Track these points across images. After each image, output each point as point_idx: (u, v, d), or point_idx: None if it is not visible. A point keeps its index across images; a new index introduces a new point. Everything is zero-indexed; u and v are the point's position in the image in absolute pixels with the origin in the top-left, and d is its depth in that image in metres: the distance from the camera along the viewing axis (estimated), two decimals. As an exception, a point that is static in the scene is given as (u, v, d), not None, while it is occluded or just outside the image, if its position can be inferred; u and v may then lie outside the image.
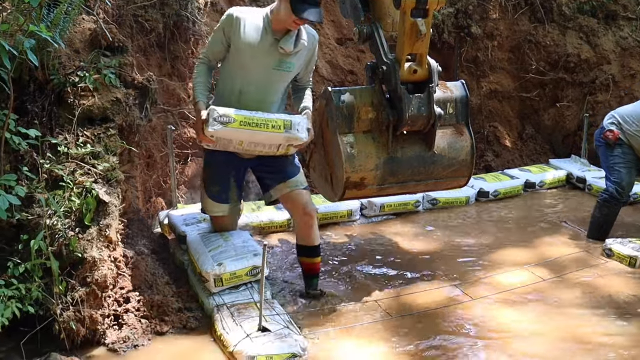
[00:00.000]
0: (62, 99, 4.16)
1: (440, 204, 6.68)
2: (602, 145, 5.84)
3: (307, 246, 4.67)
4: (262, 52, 4.24)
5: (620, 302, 4.74)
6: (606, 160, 5.84)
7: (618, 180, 5.71)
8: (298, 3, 4.08)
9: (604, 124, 5.84)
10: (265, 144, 4.29)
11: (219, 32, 4.27)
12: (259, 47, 4.22)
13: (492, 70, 8.19)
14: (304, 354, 3.97)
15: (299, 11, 4.08)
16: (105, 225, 3.98)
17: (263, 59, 4.26)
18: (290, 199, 4.58)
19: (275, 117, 4.26)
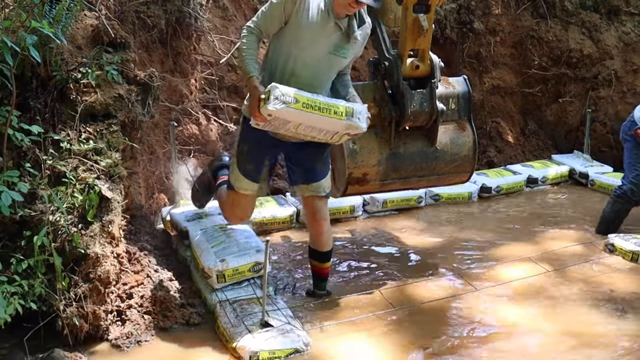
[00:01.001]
0: (64, 95, 4.16)
1: (443, 199, 6.68)
2: (630, 140, 5.74)
3: (317, 250, 4.61)
4: (323, 35, 4.02)
5: (621, 298, 4.74)
6: (630, 156, 5.77)
7: (635, 181, 5.67)
8: None
9: (635, 117, 5.69)
10: (323, 130, 4.00)
11: (278, 8, 3.97)
12: (320, 28, 4.00)
13: (495, 65, 8.19)
14: (307, 348, 3.98)
15: None
16: (108, 221, 3.98)
17: (322, 42, 4.04)
18: (307, 202, 4.47)
19: (337, 103, 4.01)
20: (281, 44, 4.08)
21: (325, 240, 4.56)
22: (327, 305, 4.56)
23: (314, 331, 4.20)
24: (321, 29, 4.00)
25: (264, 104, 3.84)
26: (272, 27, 4.06)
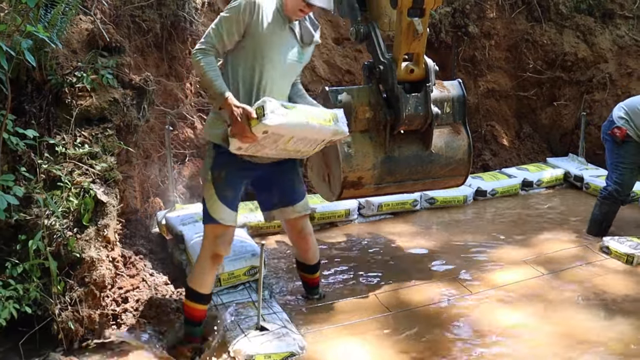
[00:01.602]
0: (59, 99, 4.17)
1: (438, 202, 6.69)
2: (609, 140, 5.80)
3: (305, 264, 4.61)
4: (282, 42, 3.84)
5: (617, 300, 4.75)
6: (611, 156, 5.82)
7: (619, 180, 5.71)
8: None
9: (614, 117, 5.76)
10: (311, 140, 3.85)
11: (234, 21, 3.70)
12: (279, 36, 3.81)
13: (489, 69, 8.20)
14: (302, 352, 3.98)
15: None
16: (103, 225, 3.99)
17: (283, 49, 3.85)
18: (292, 223, 4.39)
19: (321, 109, 3.92)
20: (241, 59, 3.83)
21: (313, 254, 4.56)
22: (322, 309, 4.57)
23: (309, 335, 4.21)
24: (280, 36, 3.84)
25: (257, 122, 3.58)
26: (230, 42, 3.76)
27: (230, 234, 4.00)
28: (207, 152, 4.00)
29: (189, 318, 4.08)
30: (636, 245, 5.39)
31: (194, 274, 4.06)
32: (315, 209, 6.02)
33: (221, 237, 3.96)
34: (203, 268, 4.00)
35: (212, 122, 3.93)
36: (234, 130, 3.67)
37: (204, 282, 4.01)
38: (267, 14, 3.76)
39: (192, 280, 4.04)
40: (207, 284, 4.01)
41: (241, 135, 3.65)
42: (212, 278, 4.04)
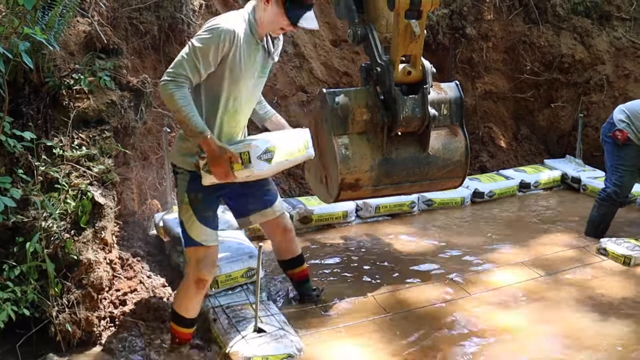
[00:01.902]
0: (57, 101, 4.17)
1: (436, 204, 6.70)
2: (609, 142, 5.80)
3: (294, 257, 4.60)
4: (253, 61, 3.72)
5: (614, 301, 4.76)
6: (610, 158, 5.83)
7: (618, 182, 5.72)
8: (294, 9, 3.60)
9: (614, 119, 5.75)
10: (284, 169, 4.00)
11: (210, 50, 3.51)
12: (251, 57, 3.69)
13: (487, 71, 8.21)
14: (300, 354, 3.98)
15: (295, 17, 3.60)
16: (101, 227, 3.99)
17: (252, 68, 3.74)
18: (272, 223, 4.36)
19: (296, 136, 3.95)
20: (214, 86, 3.66)
21: (296, 244, 4.58)
22: (320, 311, 4.57)
23: (307, 336, 4.21)
24: (251, 58, 3.70)
25: (241, 167, 3.61)
26: (206, 73, 3.57)
27: (213, 256, 3.92)
28: (179, 176, 3.86)
29: (174, 339, 4.07)
30: (633, 247, 5.39)
31: (178, 298, 4.01)
32: (313, 211, 6.02)
33: (203, 260, 3.86)
34: (187, 294, 3.95)
35: (182, 148, 3.81)
36: (213, 170, 3.61)
37: (189, 308, 3.97)
38: (242, 39, 3.61)
39: (176, 304, 4.01)
40: (192, 309, 3.98)
41: (221, 176, 3.62)
42: (198, 304, 4.00)
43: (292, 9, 3.60)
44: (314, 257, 5.43)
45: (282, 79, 7.05)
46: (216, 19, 3.62)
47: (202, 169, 3.67)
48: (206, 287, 3.97)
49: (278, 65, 7.01)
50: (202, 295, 3.99)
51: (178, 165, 3.84)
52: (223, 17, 3.64)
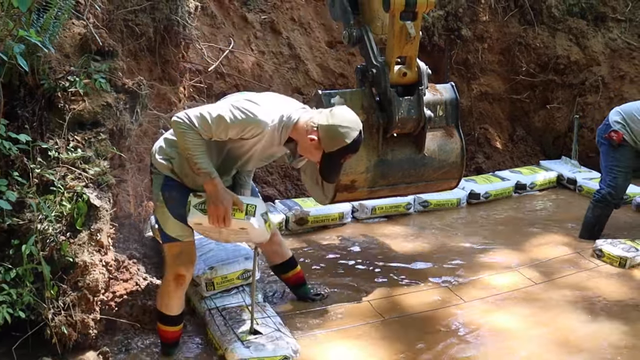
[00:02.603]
0: (52, 104, 4.15)
1: (432, 205, 6.70)
2: (605, 144, 5.80)
3: (285, 261, 4.60)
4: (266, 148, 3.80)
5: (609, 304, 4.77)
6: (605, 159, 5.83)
7: (613, 184, 5.72)
8: (328, 174, 3.89)
9: (610, 121, 5.76)
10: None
11: (236, 129, 3.57)
12: (266, 147, 3.78)
13: (482, 72, 8.22)
14: (296, 356, 3.98)
15: (325, 170, 3.83)
16: (96, 230, 3.97)
17: (263, 152, 3.84)
18: None
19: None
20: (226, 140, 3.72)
21: (286, 247, 4.62)
22: (316, 313, 4.57)
23: (303, 339, 4.21)
24: (269, 147, 3.80)
25: (243, 216, 3.71)
26: (217, 138, 3.64)
27: (190, 252, 3.96)
28: (155, 176, 3.94)
29: (162, 340, 4.10)
30: (629, 248, 5.40)
31: (160, 297, 4.05)
32: (309, 213, 6.02)
33: (180, 256, 3.90)
34: (167, 291, 3.98)
35: (163, 152, 3.87)
36: (210, 211, 3.67)
37: (170, 305, 3.99)
38: (268, 135, 3.66)
39: (158, 302, 4.05)
40: (173, 306, 4.00)
41: (215, 219, 3.67)
42: (179, 300, 4.01)
43: (328, 174, 3.86)
44: (310, 259, 5.43)
45: (277, 81, 7.06)
46: (260, 104, 3.63)
47: (195, 206, 3.74)
48: (185, 283, 3.99)
49: (274, 66, 7.03)
50: (182, 291, 4.01)
51: (156, 166, 3.90)
52: (266, 107, 3.64)
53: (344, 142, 3.64)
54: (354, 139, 3.66)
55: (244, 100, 3.63)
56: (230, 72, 6.68)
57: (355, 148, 3.72)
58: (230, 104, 3.61)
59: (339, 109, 3.78)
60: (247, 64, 6.85)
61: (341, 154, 3.71)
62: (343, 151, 3.68)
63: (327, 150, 3.67)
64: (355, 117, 3.75)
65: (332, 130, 3.63)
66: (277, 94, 4.07)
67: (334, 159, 3.73)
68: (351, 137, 3.65)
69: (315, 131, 3.65)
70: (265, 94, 3.95)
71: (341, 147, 3.65)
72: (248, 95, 3.76)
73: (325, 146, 3.65)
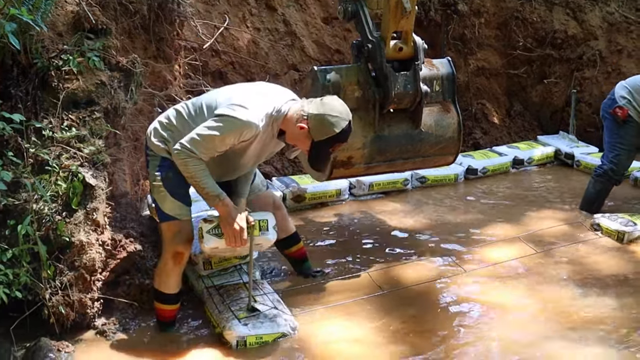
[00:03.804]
0: (45, 83, 4.12)
1: (429, 181, 6.68)
2: (609, 119, 5.73)
3: (289, 236, 4.61)
4: (261, 144, 3.85)
5: (607, 278, 4.77)
6: (609, 135, 5.77)
7: (615, 160, 5.69)
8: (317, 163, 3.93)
9: (616, 95, 5.68)
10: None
11: (230, 139, 3.64)
12: (262, 143, 3.84)
13: (479, 47, 8.17)
14: (294, 333, 3.98)
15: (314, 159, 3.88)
16: (92, 209, 3.96)
17: (260, 148, 3.88)
18: (262, 198, 4.39)
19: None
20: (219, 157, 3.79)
21: (290, 223, 4.64)
22: (315, 289, 4.57)
23: (301, 315, 4.21)
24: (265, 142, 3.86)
25: (259, 232, 3.89)
26: (218, 152, 3.71)
27: (188, 230, 3.95)
28: (150, 157, 3.95)
29: (159, 319, 4.10)
30: (627, 222, 5.39)
31: (157, 275, 4.05)
32: (306, 190, 6.01)
33: (179, 234, 3.90)
34: (165, 269, 3.98)
35: (158, 135, 3.90)
36: (226, 232, 3.80)
37: (168, 283, 4.00)
38: (261, 132, 3.71)
39: (156, 281, 4.05)
40: (171, 284, 4.01)
41: (232, 240, 3.79)
42: (177, 278, 4.02)
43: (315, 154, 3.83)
44: (308, 236, 5.42)
45: (273, 58, 7.01)
46: (248, 106, 3.64)
47: (208, 232, 3.84)
48: (184, 261, 4.00)
49: (269, 43, 6.98)
50: (181, 269, 4.02)
51: (151, 148, 3.91)
52: (254, 107, 3.65)
53: (333, 131, 3.70)
54: (343, 128, 3.72)
55: (228, 108, 3.63)
56: (225, 49, 6.64)
57: (344, 138, 3.78)
58: (216, 115, 3.64)
59: (329, 99, 3.84)
60: (243, 41, 6.80)
61: (330, 143, 3.76)
62: (332, 140, 3.74)
63: (316, 139, 3.72)
64: (345, 108, 3.80)
65: (321, 119, 3.69)
66: (269, 85, 4.07)
67: (322, 148, 3.78)
68: (340, 127, 3.71)
69: (305, 120, 3.70)
70: (256, 87, 3.95)
71: (330, 136, 3.71)
72: (237, 96, 3.74)
73: (315, 135, 3.70)
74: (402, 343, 3.98)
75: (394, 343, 3.98)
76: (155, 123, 3.98)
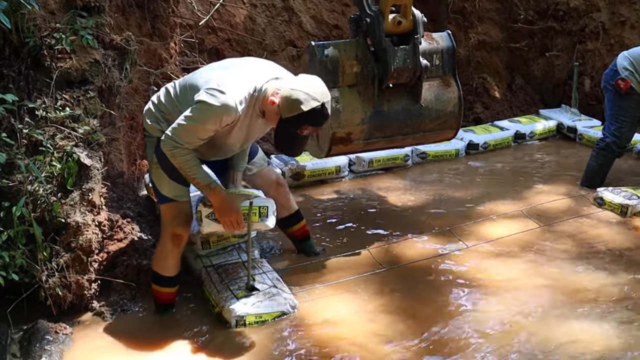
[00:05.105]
0: (38, 62, 4.05)
1: (430, 157, 6.63)
2: (611, 90, 5.65)
3: (292, 214, 4.56)
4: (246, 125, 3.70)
5: (609, 252, 4.73)
6: (611, 107, 5.69)
7: (618, 133, 5.62)
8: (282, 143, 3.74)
9: (618, 67, 5.59)
10: None
11: (213, 126, 3.52)
12: (247, 124, 3.70)
13: (480, 20, 8.07)
14: (294, 311, 3.95)
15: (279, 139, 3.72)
16: (88, 189, 3.91)
17: (246, 129, 3.73)
18: (263, 175, 4.35)
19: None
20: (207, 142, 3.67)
21: (292, 200, 4.57)
22: (314, 267, 4.53)
23: (301, 294, 4.18)
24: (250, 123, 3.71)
25: (258, 219, 3.80)
26: (203, 140, 3.59)
27: (187, 212, 3.89)
28: (148, 139, 3.89)
29: (157, 301, 4.05)
30: (630, 196, 5.34)
31: (156, 258, 4.00)
32: (305, 167, 5.96)
33: (178, 216, 3.84)
34: (164, 251, 3.93)
35: (152, 116, 3.80)
36: (221, 220, 3.73)
37: (166, 266, 3.95)
38: (243, 114, 3.58)
39: (154, 263, 4.00)
40: (169, 267, 3.95)
41: (229, 226, 3.74)
42: (175, 261, 3.96)
43: (280, 133, 3.66)
44: (308, 214, 5.35)
45: (271, 34, 6.93)
46: (225, 90, 3.49)
47: (207, 217, 3.77)
48: (183, 243, 3.95)
49: (266, 19, 6.90)
50: (179, 251, 3.97)
51: (148, 130, 3.84)
52: (232, 90, 3.51)
53: (299, 109, 3.48)
54: (312, 107, 3.49)
55: (206, 94, 3.49)
56: (221, 26, 6.55)
57: (313, 120, 3.56)
58: (195, 103, 3.51)
59: (308, 76, 3.69)
60: (239, 18, 6.72)
61: (297, 123, 3.54)
62: (298, 119, 3.53)
63: (283, 116, 3.55)
64: (322, 89, 3.59)
65: (290, 94, 3.50)
66: (256, 62, 3.91)
67: (288, 127, 3.58)
68: (309, 106, 3.48)
69: (277, 94, 3.55)
70: (238, 66, 3.77)
71: (296, 114, 3.50)
72: (215, 79, 3.59)
73: (282, 111, 3.53)
74: (403, 320, 3.95)
75: (395, 321, 3.95)
76: (149, 104, 3.90)
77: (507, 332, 3.84)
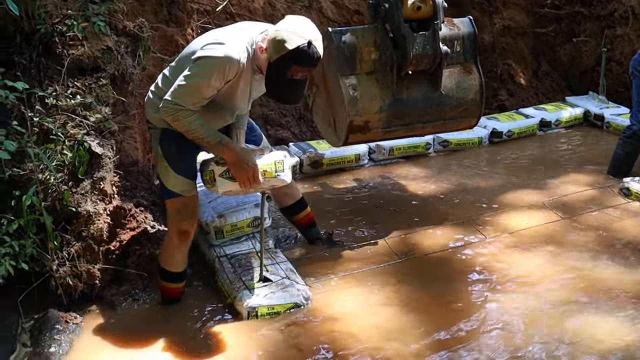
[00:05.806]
0: (50, 49, 4.02)
1: (452, 145, 6.51)
2: (639, 76, 5.49)
3: (297, 201, 4.45)
4: (247, 81, 3.60)
5: (632, 245, 4.58)
6: (638, 94, 5.53)
7: None
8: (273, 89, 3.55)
9: None
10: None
11: (217, 82, 3.38)
12: (248, 80, 3.59)
13: (505, 5, 7.94)
14: (307, 303, 3.89)
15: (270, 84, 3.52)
16: (99, 178, 3.87)
17: (249, 86, 3.65)
18: None
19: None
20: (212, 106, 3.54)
21: (296, 188, 4.47)
22: (329, 258, 4.46)
23: (315, 285, 4.12)
24: (250, 79, 3.60)
25: (274, 174, 3.61)
26: (207, 99, 3.44)
27: (193, 207, 3.80)
28: (152, 131, 3.76)
29: (164, 295, 4.00)
30: (658, 186, 5.19)
31: (162, 253, 3.93)
32: (324, 155, 5.87)
33: (183, 211, 3.75)
34: (171, 247, 3.86)
35: (153, 105, 3.63)
36: (237, 176, 3.53)
37: (174, 261, 3.88)
38: (245, 67, 3.45)
39: (161, 259, 3.93)
40: (176, 262, 3.89)
41: (245, 182, 3.54)
42: (182, 256, 3.89)
43: (270, 79, 3.50)
44: (326, 202, 5.31)
45: (290, 20, 6.83)
46: (225, 41, 3.39)
47: (221, 175, 3.57)
48: (189, 239, 3.87)
49: (286, 5, 6.80)
50: (186, 247, 3.89)
51: (151, 121, 3.73)
52: (232, 42, 3.40)
53: (285, 47, 3.32)
54: (297, 46, 3.32)
55: (204, 50, 3.39)
56: (240, 11, 6.46)
57: (300, 59, 3.37)
58: (194, 61, 3.39)
59: (296, 16, 3.54)
60: (258, 3, 6.62)
61: (285, 64, 3.37)
62: (285, 60, 3.36)
63: (271, 60, 3.40)
64: (310, 28, 3.42)
65: (275, 35, 3.37)
66: (248, 22, 3.85)
67: (277, 71, 3.41)
68: (294, 44, 3.32)
69: (265, 40, 3.44)
70: (231, 25, 3.71)
71: (282, 54, 3.34)
72: (210, 36, 3.51)
73: (270, 54, 3.39)
74: (420, 313, 3.87)
75: (411, 313, 3.87)
76: (149, 93, 3.75)
77: (524, 325, 3.74)
